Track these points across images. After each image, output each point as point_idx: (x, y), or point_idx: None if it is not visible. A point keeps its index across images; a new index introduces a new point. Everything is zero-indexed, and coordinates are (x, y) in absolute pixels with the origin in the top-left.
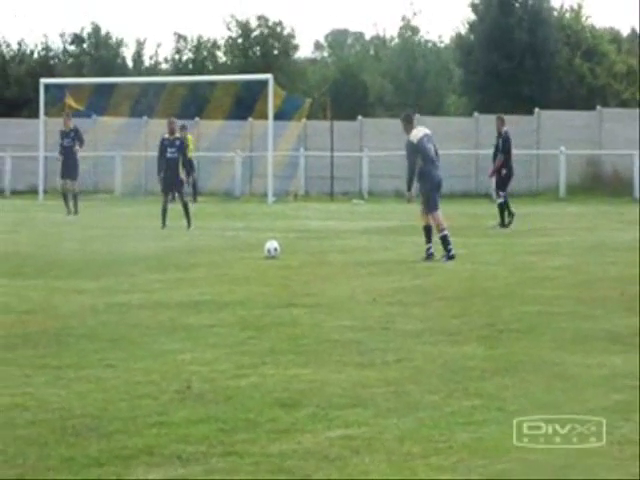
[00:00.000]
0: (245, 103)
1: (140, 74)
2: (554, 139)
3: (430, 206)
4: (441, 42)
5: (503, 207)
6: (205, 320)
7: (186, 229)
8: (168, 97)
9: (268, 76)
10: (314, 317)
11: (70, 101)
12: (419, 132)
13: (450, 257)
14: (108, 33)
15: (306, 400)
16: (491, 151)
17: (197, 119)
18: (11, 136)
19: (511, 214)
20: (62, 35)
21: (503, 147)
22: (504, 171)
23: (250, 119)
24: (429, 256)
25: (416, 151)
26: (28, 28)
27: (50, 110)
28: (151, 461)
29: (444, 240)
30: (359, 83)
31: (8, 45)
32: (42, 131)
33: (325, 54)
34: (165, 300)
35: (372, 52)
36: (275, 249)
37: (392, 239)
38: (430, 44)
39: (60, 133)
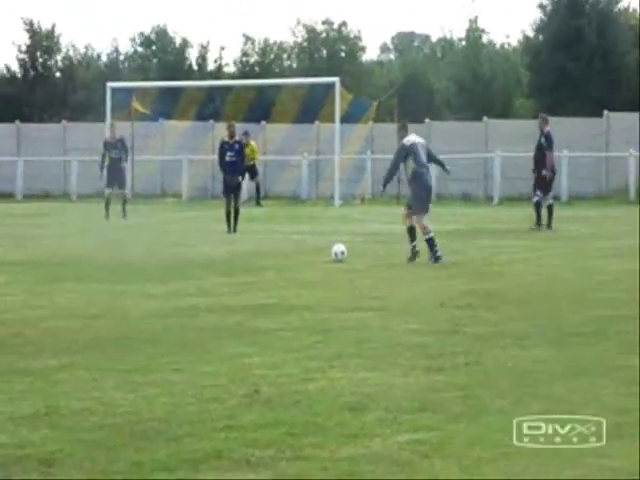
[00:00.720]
0: (311, 106)
1: (204, 78)
2: (623, 141)
3: (417, 209)
4: (508, 44)
5: (539, 207)
6: (272, 324)
7: (232, 232)
8: (235, 100)
9: (335, 79)
10: (381, 321)
11: (136, 105)
12: (412, 138)
13: (437, 258)
14: (173, 37)
15: (374, 404)
16: (558, 154)
17: (263, 123)
18: (78, 140)
19: (539, 216)
20: (133, 39)
21: (548, 145)
22: (544, 172)
23: (317, 122)
24: (414, 254)
25: (407, 154)
26: (96, 32)
27: (117, 114)
28: (220, 465)
29: (430, 243)
30: (426, 86)
31: (75, 49)
32: (109, 135)
33: (392, 57)
34: (232, 304)
35: (439, 54)
36: (342, 252)
37: (459, 242)
38: (497, 46)
39: (105, 144)
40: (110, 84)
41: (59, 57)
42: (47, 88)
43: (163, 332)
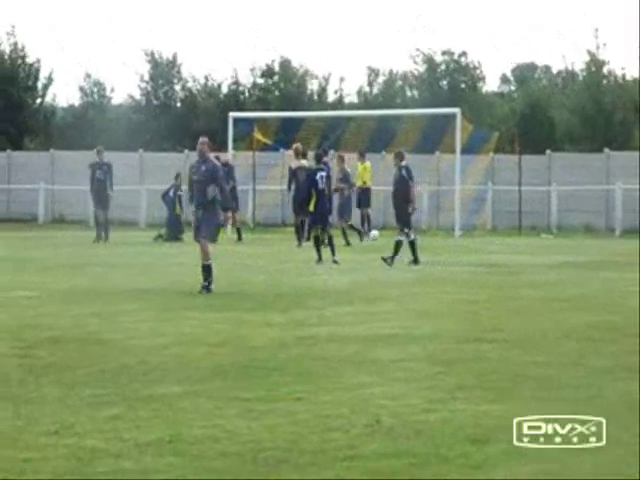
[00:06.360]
0: (432, 137)
1: (325, 108)
2: None
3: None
4: (631, 76)
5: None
6: (393, 354)
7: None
8: (356, 131)
9: (456, 110)
10: (503, 352)
11: (258, 135)
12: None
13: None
14: (295, 67)
15: (497, 436)
16: None
17: (384, 153)
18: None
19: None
20: (252, 69)
21: (410, 177)
22: (410, 207)
23: (437, 153)
24: None
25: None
26: (216, 62)
27: (238, 144)
28: None
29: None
30: (547, 117)
31: (195, 80)
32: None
33: (512, 88)
34: (353, 333)
35: (560, 85)
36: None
37: (581, 274)
38: (617, 78)
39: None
40: (232, 114)
41: (178, 87)
42: (169, 117)
43: (285, 361)
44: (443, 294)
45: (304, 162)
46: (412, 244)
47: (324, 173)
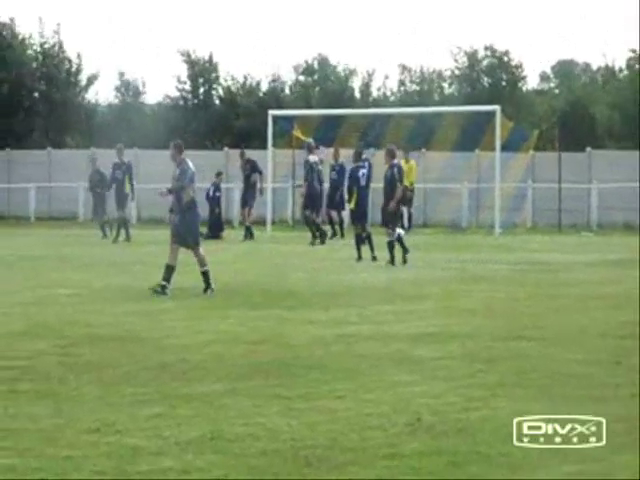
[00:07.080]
0: (472, 134)
1: (367, 106)
2: None
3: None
4: None
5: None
6: (433, 352)
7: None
8: (395, 128)
9: (495, 107)
10: (543, 350)
11: (297, 133)
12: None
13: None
14: (336, 65)
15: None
16: None
17: (423, 150)
18: (239, 167)
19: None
20: (296, 67)
21: (400, 178)
22: (392, 204)
23: (477, 150)
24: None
25: None
26: (255, 60)
27: (278, 142)
28: None
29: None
30: (587, 114)
31: (233, 78)
32: (270, 162)
33: (552, 85)
34: (393, 331)
35: (600, 83)
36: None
37: (621, 272)
38: None
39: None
40: (272, 112)
41: (216, 85)
42: (209, 116)
43: (325, 359)
44: (482, 292)
45: (316, 157)
46: (390, 244)
47: (365, 170)
